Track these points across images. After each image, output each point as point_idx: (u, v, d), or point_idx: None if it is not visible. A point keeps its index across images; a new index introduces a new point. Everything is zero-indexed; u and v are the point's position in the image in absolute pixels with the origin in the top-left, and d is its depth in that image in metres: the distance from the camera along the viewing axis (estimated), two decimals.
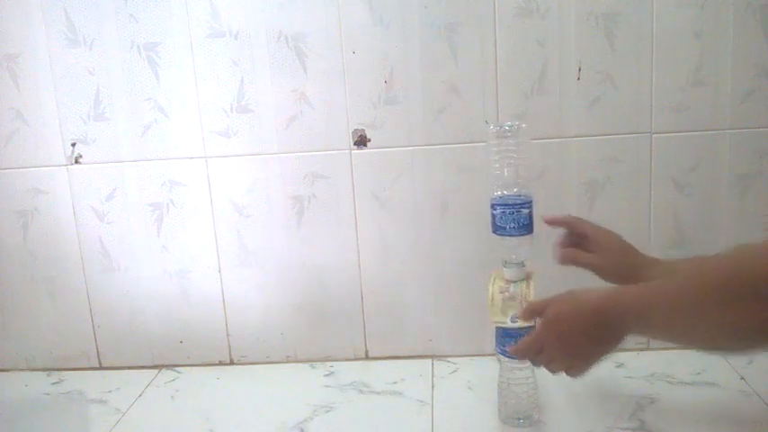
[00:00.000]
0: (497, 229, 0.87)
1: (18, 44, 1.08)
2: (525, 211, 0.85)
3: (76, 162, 1.12)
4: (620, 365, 1.06)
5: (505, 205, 0.85)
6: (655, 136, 1.04)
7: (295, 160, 1.09)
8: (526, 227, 0.86)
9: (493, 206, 0.87)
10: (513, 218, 0.85)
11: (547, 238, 1.07)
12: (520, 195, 0.86)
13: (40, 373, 1.19)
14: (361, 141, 1.07)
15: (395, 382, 1.06)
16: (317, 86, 1.06)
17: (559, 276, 0.87)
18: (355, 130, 1.07)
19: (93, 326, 1.18)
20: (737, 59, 1.00)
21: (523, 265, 0.88)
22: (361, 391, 1.04)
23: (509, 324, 0.86)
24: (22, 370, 1.20)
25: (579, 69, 1.02)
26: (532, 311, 0.82)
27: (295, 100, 1.06)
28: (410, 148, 1.07)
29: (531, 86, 1.03)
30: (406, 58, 1.04)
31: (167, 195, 1.12)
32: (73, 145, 1.11)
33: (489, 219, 0.88)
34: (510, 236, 0.86)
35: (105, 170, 1.12)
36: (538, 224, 0.87)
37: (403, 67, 1.04)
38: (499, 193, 0.87)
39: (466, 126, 1.05)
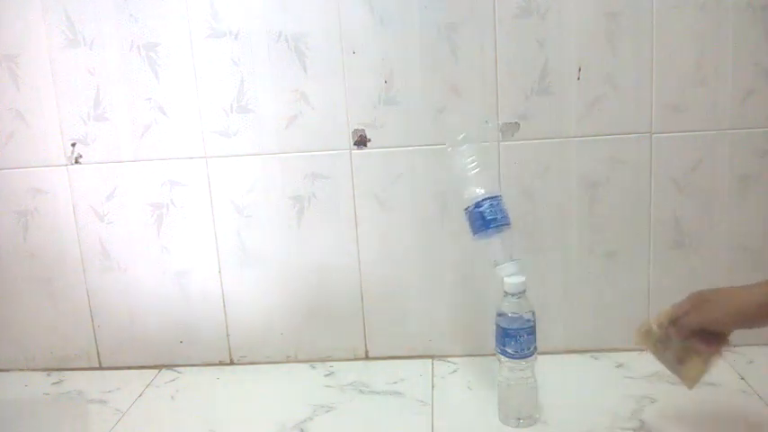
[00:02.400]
0: (490, 223, 0.87)
1: (18, 44, 1.08)
2: (503, 203, 0.89)
3: (76, 162, 1.12)
4: (620, 365, 1.06)
5: (491, 198, 0.88)
6: (655, 136, 1.04)
7: (295, 160, 1.09)
8: (508, 216, 0.88)
9: (477, 204, 0.88)
10: (500, 208, 0.88)
11: (547, 239, 1.08)
12: (493, 193, 0.90)
13: (40, 373, 1.19)
14: (361, 141, 1.07)
15: (395, 382, 1.06)
16: (317, 86, 1.05)
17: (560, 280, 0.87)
18: (355, 130, 1.07)
19: (93, 326, 1.18)
20: (737, 59, 1.00)
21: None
22: (361, 391, 1.04)
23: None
24: (22, 370, 1.20)
25: (579, 69, 1.02)
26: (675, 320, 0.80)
27: (295, 100, 1.06)
28: (410, 148, 1.07)
29: (531, 86, 1.03)
30: (406, 58, 1.04)
31: (167, 195, 1.12)
32: (73, 145, 1.11)
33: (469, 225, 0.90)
34: (505, 224, 0.88)
35: (105, 170, 1.12)
36: (538, 224, 0.88)
37: (403, 67, 1.04)
38: (479, 192, 0.89)
39: (466, 126, 1.05)
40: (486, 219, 0.87)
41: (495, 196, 0.89)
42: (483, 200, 0.88)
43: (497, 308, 0.90)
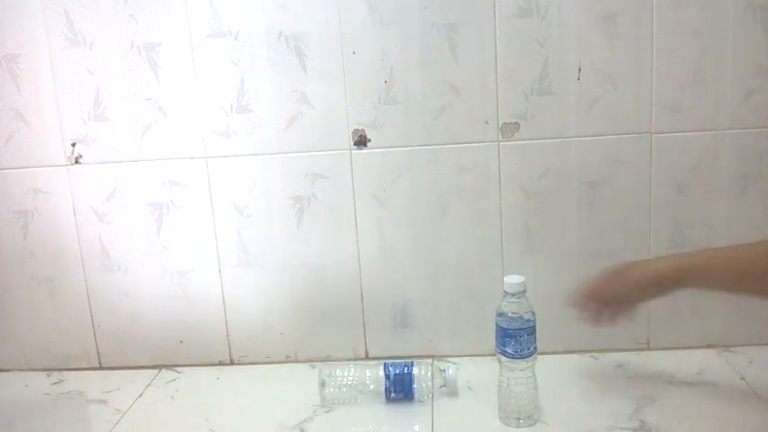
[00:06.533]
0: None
1: (18, 44, 1.08)
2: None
3: (76, 162, 1.12)
4: (620, 365, 1.06)
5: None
6: (655, 136, 1.04)
7: (295, 160, 1.09)
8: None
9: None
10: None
11: (547, 238, 1.08)
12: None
13: (40, 373, 1.19)
14: (361, 141, 1.07)
15: None
16: (317, 86, 1.05)
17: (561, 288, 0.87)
18: (355, 130, 1.07)
19: (93, 326, 1.18)
20: (737, 59, 1.00)
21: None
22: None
23: None
24: (22, 370, 1.20)
25: (579, 69, 1.02)
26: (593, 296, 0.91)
27: (295, 100, 1.06)
28: (410, 148, 1.07)
29: (531, 86, 1.03)
30: (406, 58, 1.04)
31: (167, 195, 1.12)
32: (73, 145, 1.11)
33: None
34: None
35: (105, 170, 1.12)
36: (538, 224, 0.87)
37: (403, 67, 1.04)
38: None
39: (466, 126, 1.05)
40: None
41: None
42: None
43: (497, 308, 0.90)
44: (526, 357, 0.89)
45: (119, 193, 1.12)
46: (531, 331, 0.88)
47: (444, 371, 1.00)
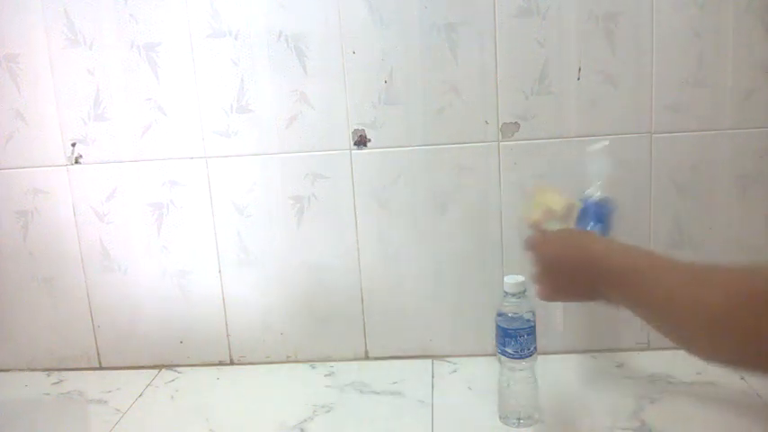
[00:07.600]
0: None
1: (18, 44, 1.08)
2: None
3: (76, 162, 1.12)
4: (620, 365, 1.06)
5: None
6: (655, 136, 1.04)
7: (295, 160, 1.09)
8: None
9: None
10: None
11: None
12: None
13: (40, 373, 1.19)
14: (361, 141, 1.07)
15: (395, 382, 1.06)
16: (317, 86, 1.06)
17: None
18: (355, 130, 1.07)
19: (93, 326, 1.18)
20: (737, 59, 1.00)
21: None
22: (361, 392, 1.04)
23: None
24: (22, 370, 1.20)
25: (579, 69, 1.02)
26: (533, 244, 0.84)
27: (295, 100, 1.06)
28: (410, 148, 1.07)
29: (531, 86, 1.03)
30: (406, 58, 1.04)
31: (167, 195, 1.12)
32: (73, 145, 1.11)
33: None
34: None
35: (105, 170, 1.12)
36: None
37: (403, 67, 1.04)
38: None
39: (466, 126, 1.05)
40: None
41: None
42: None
43: (497, 308, 0.90)
44: (526, 357, 0.89)
45: (119, 193, 1.12)
46: (531, 331, 0.88)
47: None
